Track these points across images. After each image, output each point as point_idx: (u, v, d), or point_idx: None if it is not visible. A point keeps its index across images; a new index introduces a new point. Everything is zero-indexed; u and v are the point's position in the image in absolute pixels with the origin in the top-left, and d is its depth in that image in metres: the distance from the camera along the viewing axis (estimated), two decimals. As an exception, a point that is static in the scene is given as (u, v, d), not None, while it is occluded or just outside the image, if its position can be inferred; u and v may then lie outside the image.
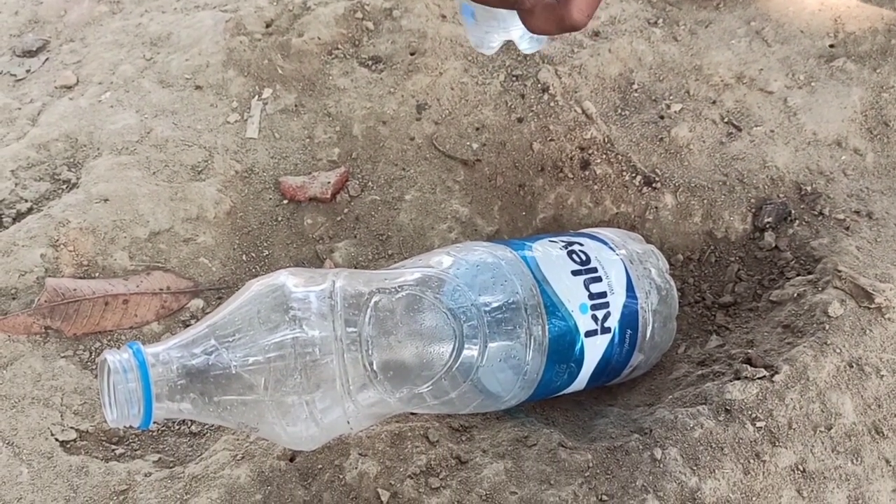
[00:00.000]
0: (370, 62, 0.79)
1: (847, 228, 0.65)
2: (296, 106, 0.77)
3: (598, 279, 0.55)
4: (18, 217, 0.69)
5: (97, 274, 0.65)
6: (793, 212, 0.67)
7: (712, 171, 0.70)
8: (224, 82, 0.78)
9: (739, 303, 0.65)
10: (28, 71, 0.82)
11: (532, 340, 0.51)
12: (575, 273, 0.55)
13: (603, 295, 0.55)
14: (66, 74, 0.80)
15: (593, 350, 0.54)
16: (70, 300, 0.63)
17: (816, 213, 0.66)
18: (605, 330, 0.54)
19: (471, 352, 0.49)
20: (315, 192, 0.71)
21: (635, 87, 0.76)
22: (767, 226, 0.67)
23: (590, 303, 0.54)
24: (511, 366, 0.51)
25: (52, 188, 0.71)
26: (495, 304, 0.51)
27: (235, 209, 0.71)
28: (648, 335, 0.57)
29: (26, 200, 0.70)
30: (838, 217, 0.66)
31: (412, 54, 0.79)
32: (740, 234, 0.68)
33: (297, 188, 0.72)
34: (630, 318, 0.56)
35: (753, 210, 0.68)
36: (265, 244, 0.70)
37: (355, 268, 0.69)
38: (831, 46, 0.77)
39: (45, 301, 0.62)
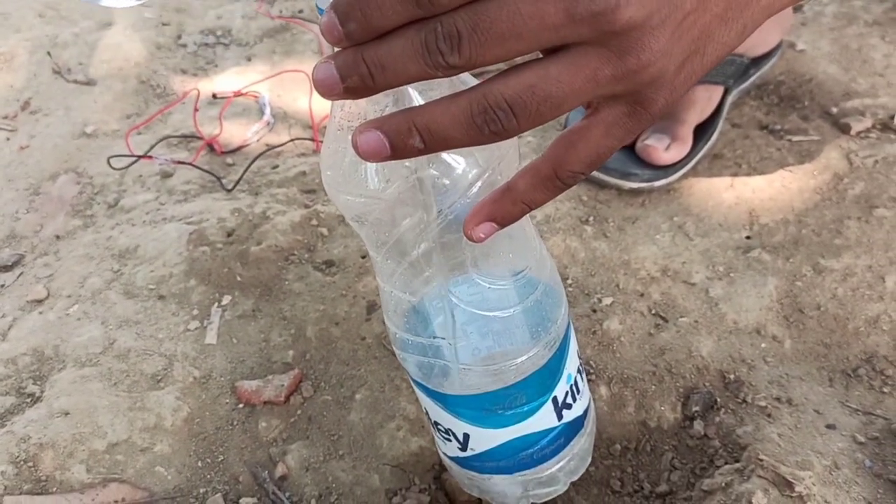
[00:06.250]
0: (323, 266, 0.85)
1: (769, 415, 0.68)
2: (253, 311, 0.82)
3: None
4: (-17, 433, 0.72)
5: (54, 489, 0.67)
6: (718, 400, 0.71)
7: (643, 361, 0.74)
8: (186, 291, 0.83)
9: (675, 492, 0.68)
10: (2, 286, 0.88)
11: None
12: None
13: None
14: (37, 289, 0.85)
15: None
16: (26, 518, 0.65)
17: (740, 400, 0.70)
18: None
19: None
20: (269, 395, 0.75)
21: (570, 281, 0.82)
22: (696, 414, 0.70)
23: None
24: None
25: (17, 402, 0.75)
26: None
27: (192, 415, 0.74)
28: None
29: (-9, 416, 0.74)
30: (760, 404, 0.69)
31: (363, 257, 0.85)
32: (672, 423, 0.71)
33: (251, 392, 0.75)
34: None
35: (682, 399, 0.72)
36: (220, 449, 0.73)
37: (307, 470, 0.71)
38: (748, 238, 0.84)
39: (2, 520, 0.64)
